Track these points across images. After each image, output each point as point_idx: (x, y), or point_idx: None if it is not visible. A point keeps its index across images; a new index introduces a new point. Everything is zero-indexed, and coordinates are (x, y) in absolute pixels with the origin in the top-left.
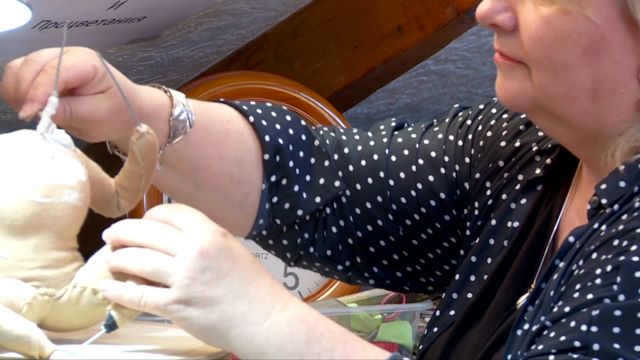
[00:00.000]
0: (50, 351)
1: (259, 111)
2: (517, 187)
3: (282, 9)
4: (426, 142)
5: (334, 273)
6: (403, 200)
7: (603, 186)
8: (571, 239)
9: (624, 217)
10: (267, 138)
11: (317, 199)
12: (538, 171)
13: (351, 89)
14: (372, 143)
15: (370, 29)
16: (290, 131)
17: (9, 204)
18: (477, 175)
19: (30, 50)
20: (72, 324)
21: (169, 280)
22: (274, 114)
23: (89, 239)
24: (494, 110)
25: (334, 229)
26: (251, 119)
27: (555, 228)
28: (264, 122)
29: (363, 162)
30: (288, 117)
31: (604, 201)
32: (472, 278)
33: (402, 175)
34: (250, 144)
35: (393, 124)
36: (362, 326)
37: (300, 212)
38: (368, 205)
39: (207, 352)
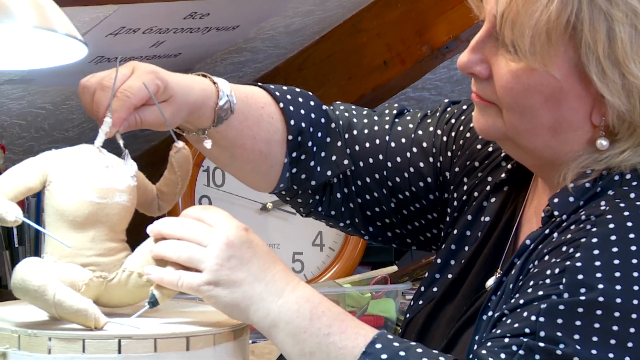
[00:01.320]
0: (104, 322)
1: (288, 97)
2: (487, 187)
3: (290, 47)
4: (420, 132)
5: (336, 227)
6: (397, 179)
7: (555, 200)
8: (527, 241)
9: (572, 227)
10: (292, 122)
11: (328, 173)
12: (503, 175)
13: None
14: (376, 128)
15: (362, 64)
16: (312, 115)
17: (71, 204)
18: (457, 169)
19: None
20: (121, 301)
21: (201, 266)
22: (300, 99)
23: (134, 233)
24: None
25: (339, 195)
26: (281, 105)
27: (516, 223)
28: (291, 108)
29: (367, 144)
30: (312, 103)
31: (555, 213)
32: (452, 262)
33: (398, 159)
34: (278, 126)
35: (395, 111)
36: (355, 302)
37: (313, 182)
38: (368, 179)
39: (230, 324)
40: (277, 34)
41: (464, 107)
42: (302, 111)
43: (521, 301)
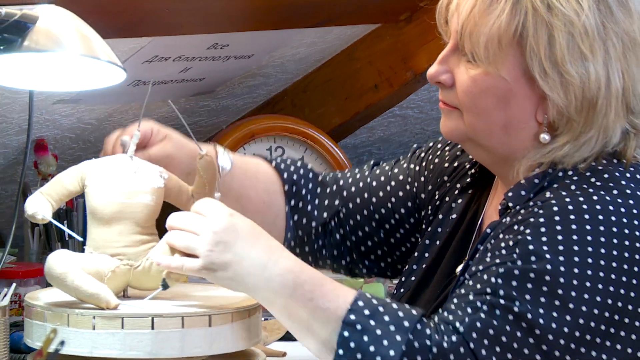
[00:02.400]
0: (115, 304)
1: (278, 160)
2: (455, 192)
3: (296, 72)
4: (395, 170)
5: (340, 267)
6: (382, 211)
7: (510, 194)
8: (488, 230)
9: (522, 211)
10: (285, 175)
11: (325, 215)
12: (468, 180)
13: (343, 126)
14: (358, 176)
15: (356, 86)
16: (301, 171)
17: (100, 203)
18: (430, 187)
19: (124, 100)
20: (147, 286)
21: (197, 253)
22: (288, 161)
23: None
24: (439, 146)
25: (337, 236)
26: (273, 163)
27: (480, 219)
28: (282, 165)
29: (353, 189)
30: (298, 163)
31: (510, 204)
32: (426, 255)
33: (380, 194)
34: (274, 179)
35: (372, 162)
36: (349, 286)
37: (314, 224)
38: (358, 217)
39: (246, 305)
40: (285, 61)
41: (430, 144)
42: (292, 167)
43: (480, 267)
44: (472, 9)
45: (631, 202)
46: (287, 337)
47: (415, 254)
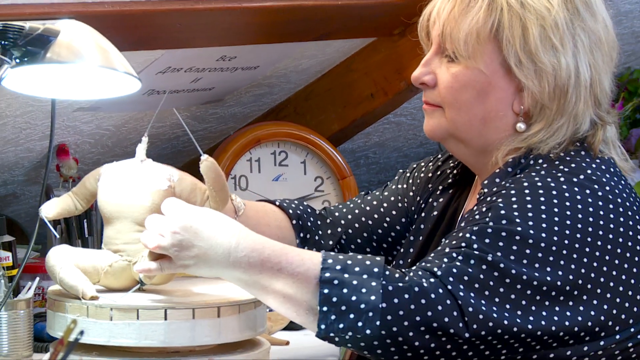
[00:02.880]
0: (90, 296)
1: (280, 200)
2: (438, 192)
3: (298, 82)
4: (386, 193)
5: None
6: (380, 231)
7: (486, 181)
8: (466, 215)
9: (494, 189)
10: (290, 211)
11: (330, 242)
12: (450, 181)
13: (342, 132)
14: (352, 205)
15: (354, 95)
16: (301, 207)
17: (101, 202)
18: (418, 198)
19: (140, 108)
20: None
21: (167, 253)
22: (288, 201)
23: None
24: (422, 164)
25: None
26: (277, 202)
27: (460, 215)
28: (284, 204)
29: (349, 217)
30: (296, 201)
31: (485, 190)
32: (411, 250)
33: (375, 216)
34: (282, 217)
35: (362, 193)
36: None
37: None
38: (359, 240)
39: (242, 298)
40: (288, 72)
41: (414, 165)
42: (293, 205)
43: (457, 232)
44: (451, 10)
45: (596, 186)
46: (290, 326)
47: (402, 250)
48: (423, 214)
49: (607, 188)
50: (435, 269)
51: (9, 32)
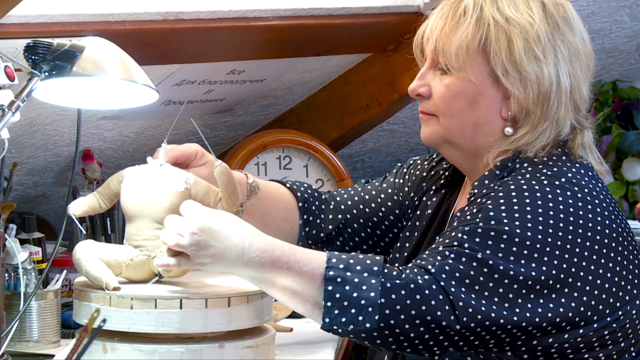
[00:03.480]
0: (112, 286)
1: (291, 182)
2: (431, 192)
3: (301, 94)
4: (384, 185)
5: None
6: (375, 219)
7: (476, 183)
8: (458, 213)
9: (484, 191)
10: (298, 194)
11: (330, 226)
12: (442, 181)
13: (340, 139)
14: (352, 192)
15: (351, 105)
16: (309, 191)
17: (123, 202)
18: (412, 194)
19: (158, 117)
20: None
21: (185, 252)
22: (298, 183)
23: None
24: (418, 161)
25: (338, 243)
26: (288, 184)
27: (452, 213)
28: (294, 186)
29: (349, 203)
30: (305, 185)
31: (475, 191)
32: (407, 245)
33: (372, 205)
34: (290, 199)
35: (363, 181)
36: None
37: (321, 234)
38: (355, 225)
39: (251, 289)
40: (292, 84)
41: (411, 161)
42: (302, 188)
43: (450, 230)
44: (443, 27)
45: (576, 189)
46: (294, 315)
47: (398, 244)
48: (418, 212)
49: (586, 190)
50: (430, 267)
51: (38, 47)
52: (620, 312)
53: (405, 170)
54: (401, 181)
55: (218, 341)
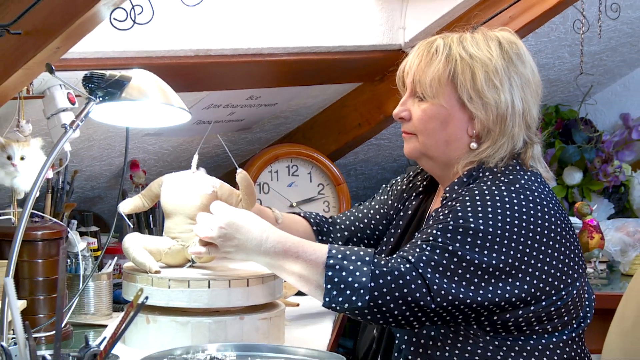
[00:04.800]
0: (154, 270)
1: (304, 212)
2: (412, 197)
3: (306, 115)
4: (372, 203)
5: None
6: (368, 231)
7: (448, 188)
8: (433, 213)
9: (454, 196)
10: (311, 220)
11: (339, 243)
12: (420, 189)
13: (337, 151)
14: (349, 214)
15: (346, 124)
16: (318, 217)
17: (163, 202)
18: (395, 204)
19: (190, 134)
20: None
21: (214, 242)
22: (309, 213)
23: None
24: (399, 179)
25: None
26: (302, 214)
27: (428, 214)
28: (307, 215)
29: (347, 222)
30: (314, 213)
31: (447, 195)
32: (392, 239)
33: (365, 220)
34: (306, 224)
35: (357, 204)
36: None
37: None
38: (355, 239)
39: (265, 272)
40: (299, 107)
41: (392, 181)
42: (312, 215)
43: (426, 229)
44: (419, 63)
45: (527, 193)
46: (300, 293)
47: (385, 239)
48: (401, 214)
49: (536, 194)
50: (410, 257)
51: (94, 78)
52: (563, 292)
53: (388, 188)
54: (385, 197)
55: (239, 314)
